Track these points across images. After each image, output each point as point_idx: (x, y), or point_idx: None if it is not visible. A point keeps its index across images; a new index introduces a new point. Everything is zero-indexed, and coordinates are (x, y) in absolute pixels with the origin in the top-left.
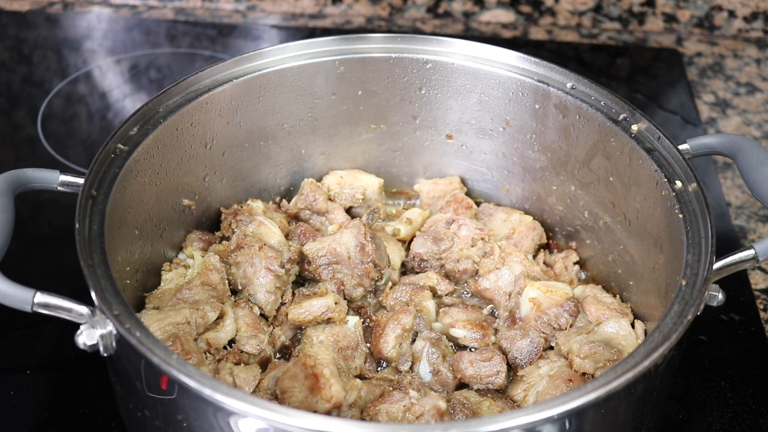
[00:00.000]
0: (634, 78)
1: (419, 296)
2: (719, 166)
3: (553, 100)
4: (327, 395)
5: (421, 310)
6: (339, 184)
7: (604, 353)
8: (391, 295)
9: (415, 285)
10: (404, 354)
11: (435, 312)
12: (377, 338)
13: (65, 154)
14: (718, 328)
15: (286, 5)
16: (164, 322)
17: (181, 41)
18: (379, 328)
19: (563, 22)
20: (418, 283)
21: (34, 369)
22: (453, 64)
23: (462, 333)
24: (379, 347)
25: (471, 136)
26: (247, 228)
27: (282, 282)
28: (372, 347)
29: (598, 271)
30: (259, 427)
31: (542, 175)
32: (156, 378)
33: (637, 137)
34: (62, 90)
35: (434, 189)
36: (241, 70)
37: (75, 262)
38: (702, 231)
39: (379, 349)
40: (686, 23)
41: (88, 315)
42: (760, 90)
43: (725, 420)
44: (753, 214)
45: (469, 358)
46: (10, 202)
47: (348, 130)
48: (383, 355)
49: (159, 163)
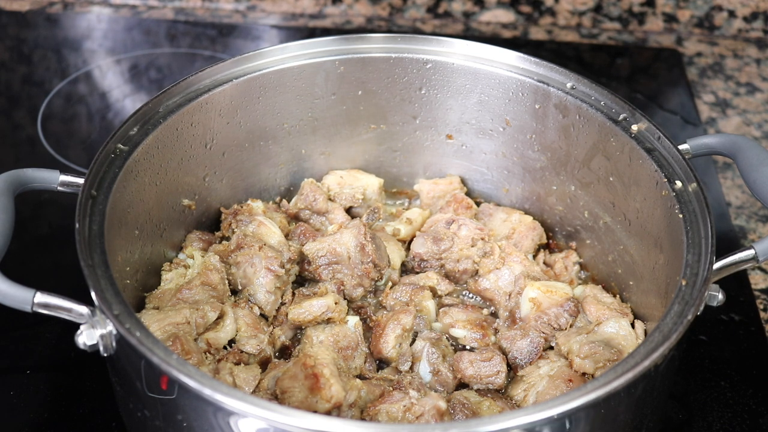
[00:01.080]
0: (634, 78)
1: (419, 296)
2: (719, 166)
3: (553, 100)
4: (327, 395)
5: (421, 310)
6: (339, 184)
7: (604, 353)
8: (391, 295)
9: (415, 285)
10: (404, 354)
11: (435, 312)
12: (377, 338)
13: (65, 154)
14: (718, 328)
15: (286, 5)
16: (164, 322)
17: (181, 41)
18: (379, 328)
19: (563, 22)
20: (418, 283)
21: (34, 369)
22: (453, 64)
23: (462, 333)
24: (379, 347)
25: (471, 136)
26: (247, 228)
27: (282, 282)
28: (372, 347)
29: (598, 271)
30: (259, 427)
31: (542, 175)
32: (156, 378)
33: (637, 137)
34: (62, 90)
35: (434, 189)
36: (241, 70)
37: (75, 262)
38: (702, 231)
39: (379, 349)
40: (686, 23)
41: (88, 315)
42: (760, 90)
43: (725, 420)
44: (753, 214)
45: (469, 358)
46: (10, 202)
47: (348, 130)
48: (383, 355)
49: (159, 163)
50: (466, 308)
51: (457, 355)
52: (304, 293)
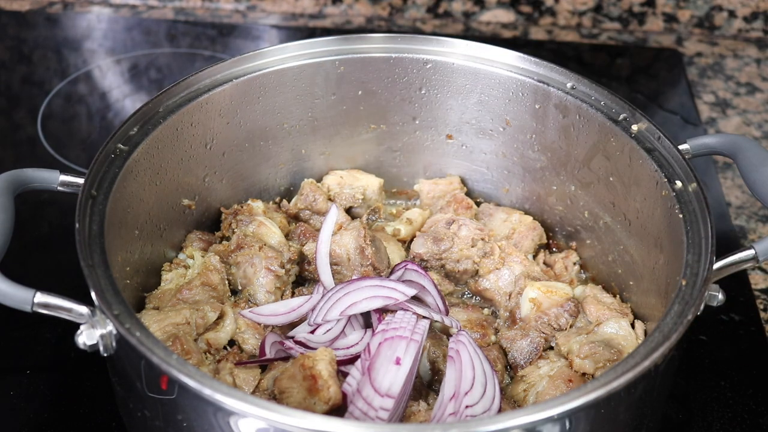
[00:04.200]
0: (634, 78)
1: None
2: (719, 166)
3: (553, 100)
4: (325, 396)
5: None
6: (339, 184)
7: (604, 353)
8: None
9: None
10: None
11: None
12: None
13: (65, 154)
14: (718, 328)
15: (286, 5)
16: (164, 322)
17: (181, 41)
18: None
19: (563, 22)
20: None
21: (34, 369)
22: (453, 64)
23: None
24: None
25: (471, 136)
26: (247, 228)
27: (282, 282)
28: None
29: (598, 271)
30: (259, 427)
31: (542, 175)
32: (156, 378)
33: (637, 137)
34: (62, 90)
35: (434, 189)
36: (241, 70)
37: (75, 262)
38: (702, 231)
39: None
40: (686, 23)
41: (88, 315)
42: (760, 90)
43: (725, 420)
44: (753, 214)
45: None
46: (10, 202)
47: (348, 130)
48: None
49: (159, 163)
50: (466, 308)
51: None
52: (304, 293)
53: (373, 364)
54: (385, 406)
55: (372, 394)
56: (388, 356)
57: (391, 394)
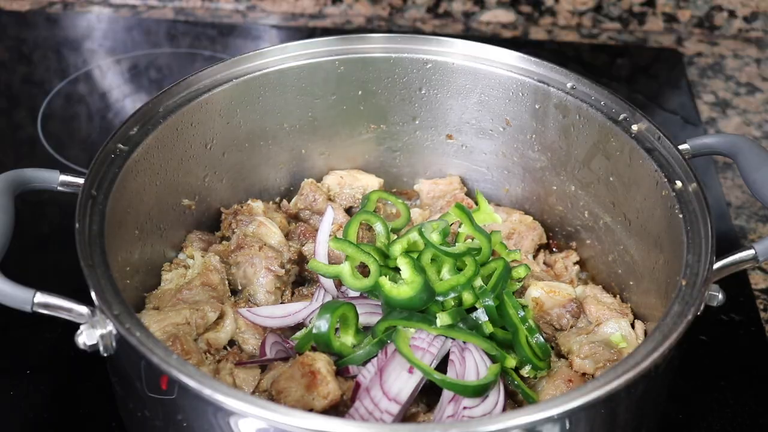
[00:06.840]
0: (634, 78)
1: None
2: (719, 166)
3: (553, 100)
4: (324, 392)
5: None
6: (339, 184)
7: (604, 353)
8: None
9: None
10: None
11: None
12: None
13: (65, 154)
14: (718, 328)
15: (286, 5)
16: (164, 322)
17: (181, 41)
18: None
19: (563, 22)
20: None
21: (34, 369)
22: (453, 64)
23: None
24: None
25: (471, 136)
26: (247, 228)
27: (282, 282)
28: None
29: (598, 271)
30: (259, 427)
31: (542, 175)
32: (156, 378)
33: (637, 137)
34: (62, 90)
35: (434, 189)
36: (241, 70)
37: (75, 262)
38: (702, 231)
39: None
40: (686, 23)
41: (88, 315)
42: (760, 90)
43: (725, 420)
44: (753, 214)
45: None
46: (10, 202)
47: (348, 130)
48: None
49: (159, 163)
50: None
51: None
52: (304, 293)
53: (386, 365)
54: (390, 410)
55: (380, 396)
56: (403, 363)
57: (398, 399)
